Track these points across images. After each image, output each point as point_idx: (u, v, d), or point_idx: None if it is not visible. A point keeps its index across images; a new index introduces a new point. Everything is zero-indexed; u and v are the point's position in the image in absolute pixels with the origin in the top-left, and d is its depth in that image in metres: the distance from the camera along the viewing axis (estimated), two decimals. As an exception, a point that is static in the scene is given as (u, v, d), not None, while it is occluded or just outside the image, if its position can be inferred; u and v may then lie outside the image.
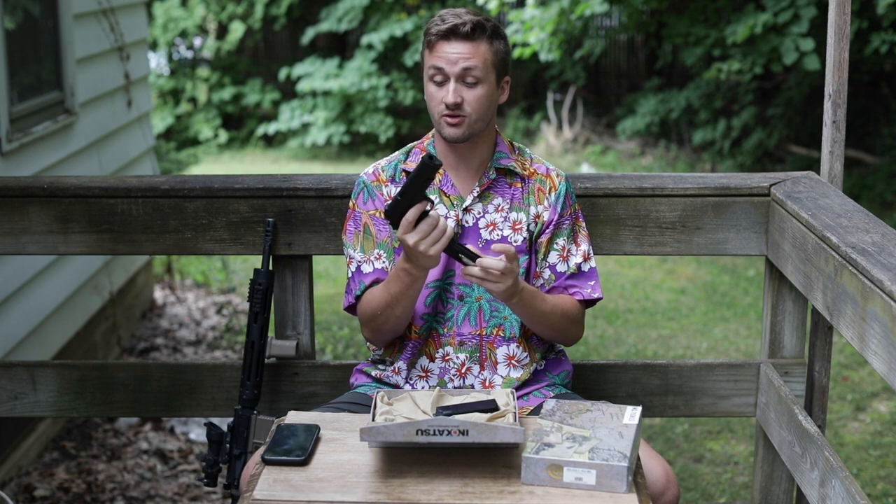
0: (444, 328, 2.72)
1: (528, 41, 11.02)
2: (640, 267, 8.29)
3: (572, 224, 2.78)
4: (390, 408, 2.41)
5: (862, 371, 5.83)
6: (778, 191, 3.05)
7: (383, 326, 2.68)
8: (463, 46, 2.60)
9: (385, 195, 2.74)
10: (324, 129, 13.44)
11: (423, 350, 2.73)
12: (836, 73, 3.02)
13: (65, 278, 5.20)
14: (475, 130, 2.66)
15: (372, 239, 2.73)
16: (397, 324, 2.67)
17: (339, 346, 6.41)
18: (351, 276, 2.76)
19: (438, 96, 2.64)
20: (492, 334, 2.72)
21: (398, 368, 2.76)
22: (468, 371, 2.72)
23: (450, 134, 2.64)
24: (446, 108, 2.62)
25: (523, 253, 2.73)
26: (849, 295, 2.43)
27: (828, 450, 2.62)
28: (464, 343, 2.72)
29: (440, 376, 2.73)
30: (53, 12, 5.37)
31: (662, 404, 3.27)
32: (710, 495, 4.52)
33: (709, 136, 11.77)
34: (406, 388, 2.75)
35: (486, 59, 2.62)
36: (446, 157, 2.73)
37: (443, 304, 2.71)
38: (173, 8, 13.99)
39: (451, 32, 2.60)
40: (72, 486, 4.46)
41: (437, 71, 2.62)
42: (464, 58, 2.60)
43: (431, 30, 2.64)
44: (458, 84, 2.61)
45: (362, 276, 2.73)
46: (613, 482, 2.15)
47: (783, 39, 8.98)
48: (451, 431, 2.18)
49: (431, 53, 2.63)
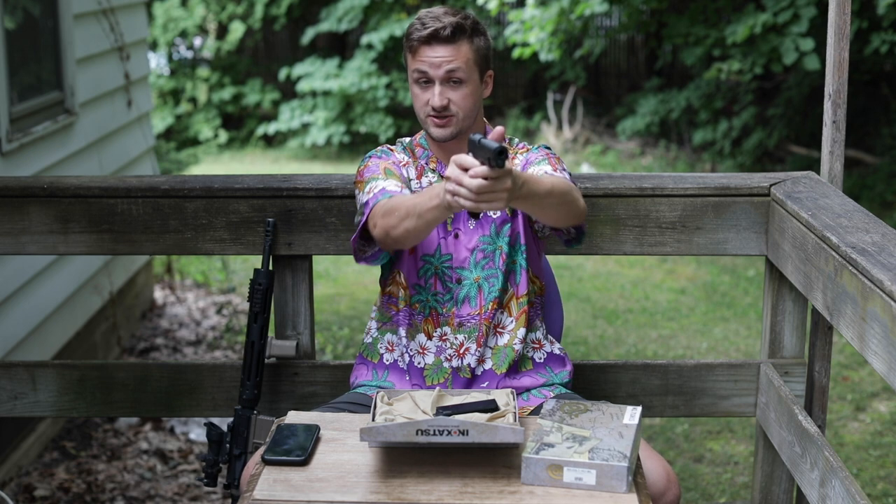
0: (443, 308, 2.74)
1: (527, 41, 11.02)
2: (641, 267, 8.29)
3: (546, 158, 2.73)
4: (390, 408, 2.41)
5: (862, 371, 5.83)
6: (778, 191, 3.05)
7: (394, 230, 2.53)
8: (445, 50, 2.64)
9: (399, 158, 2.78)
10: (324, 129, 13.45)
11: (422, 327, 2.75)
12: (836, 73, 3.02)
13: (65, 278, 5.20)
14: (463, 128, 2.71)
15: (396, 176, 2.70)
16: (407, 233, 2.52)
17: (339, 346, 6.41)
18: (371, 195, 2.63)
19: (424, 98, 2.68)
20: (489, 310, 2.74)
21: (393, 344, 2.77)
22: (466, 351, 2.73)
23: (438, 135, 2.70)
24: (433, 109, 2.66)
25: (506, 221, 2.73)
26: (849, 295, 2.43)
27: (828, 450, 2.62)
28: (463, 324, 2.73)
29: (437, 354, 2.74)
30: (53, 12, 5.37)
31: (662, 404, 3.27)
32: (710, 495, 4.52)
33: (709, 136, 11.77)
34: (403, 367, 2.76)
35: (468, 59, 2.66)
36: (438, 152, 2.79)
37: (442, 285, 2.73)
38: (173, 8, 13.99)
39: (433, 37, 2.64)
40: (72, 486, 4.46)
41: (422, 74, 2.66)
42: (446, 61, 2.64)
43: (412, 35, 2.67)
44: (443, 86, 2.66)
45: (386, 191, 2.62)
46: (613, 482, 2.15)
47: (783, 39, 8.98)
48: (451, 431, 2.18)
49: (414, 58, 2.67)
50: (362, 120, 13.49)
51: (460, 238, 2.74)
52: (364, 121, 13.48)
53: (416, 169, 2.80)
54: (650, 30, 12.53)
